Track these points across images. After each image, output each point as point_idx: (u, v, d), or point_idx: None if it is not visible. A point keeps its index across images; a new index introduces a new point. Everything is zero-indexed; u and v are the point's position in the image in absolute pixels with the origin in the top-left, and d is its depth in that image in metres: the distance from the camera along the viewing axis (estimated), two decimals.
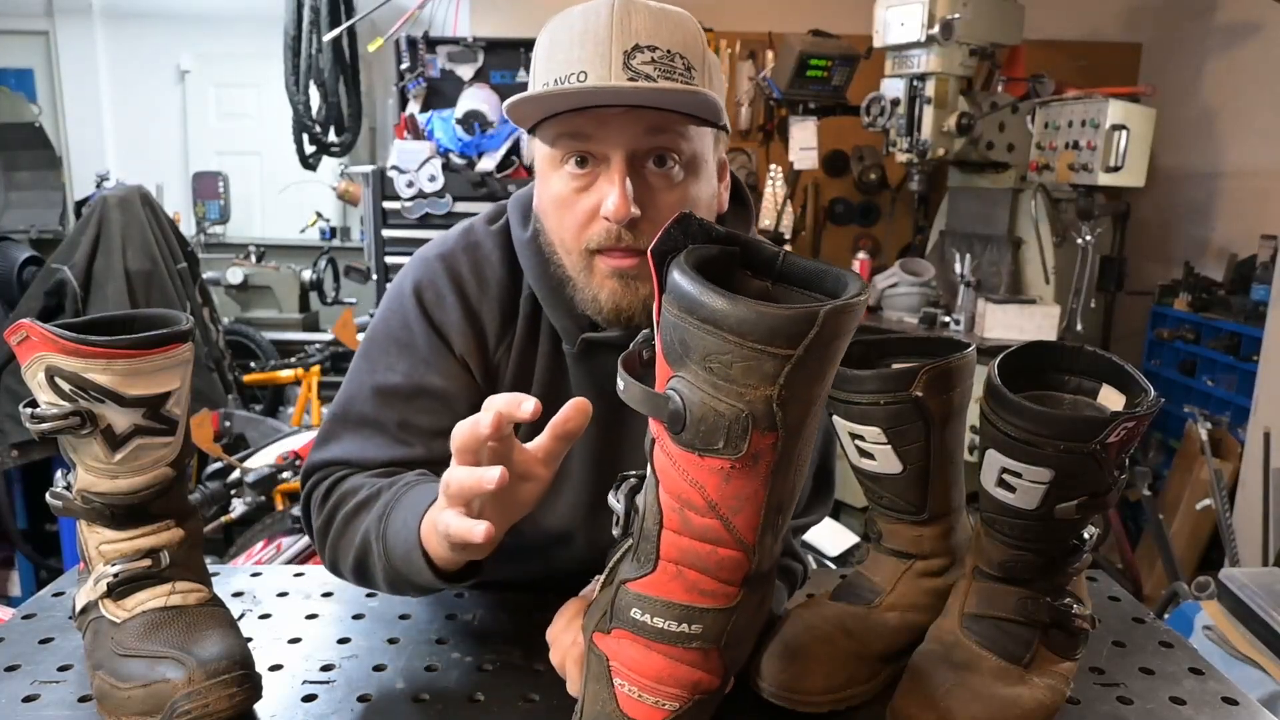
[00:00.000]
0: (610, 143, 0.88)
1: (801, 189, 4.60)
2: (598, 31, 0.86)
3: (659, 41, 0.86)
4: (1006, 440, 0.75)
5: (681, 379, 0.59)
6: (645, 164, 0.90)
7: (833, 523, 2.50)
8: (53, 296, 3.01)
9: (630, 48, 0.85)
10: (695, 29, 0.91)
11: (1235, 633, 1.75)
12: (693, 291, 0.56)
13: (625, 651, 0.66)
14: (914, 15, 3.09)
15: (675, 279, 0.58)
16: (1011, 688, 0.78)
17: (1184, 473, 3.62)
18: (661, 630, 0.65)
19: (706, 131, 0.93)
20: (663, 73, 0.86)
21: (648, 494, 0.65)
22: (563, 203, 0.92)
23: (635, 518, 0.66)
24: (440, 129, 3.81)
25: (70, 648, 0.91)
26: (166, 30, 5.45)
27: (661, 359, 0.61)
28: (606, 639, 0.68)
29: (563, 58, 0.87)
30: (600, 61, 0.85)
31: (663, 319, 0.60)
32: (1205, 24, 4.18)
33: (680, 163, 0.91)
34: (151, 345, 0.80)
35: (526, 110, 0.89)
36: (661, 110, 0.87)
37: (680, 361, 0.58)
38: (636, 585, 0.66)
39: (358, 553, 0.91)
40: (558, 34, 0.90)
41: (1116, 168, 2.99)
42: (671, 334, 0.59)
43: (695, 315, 0.56)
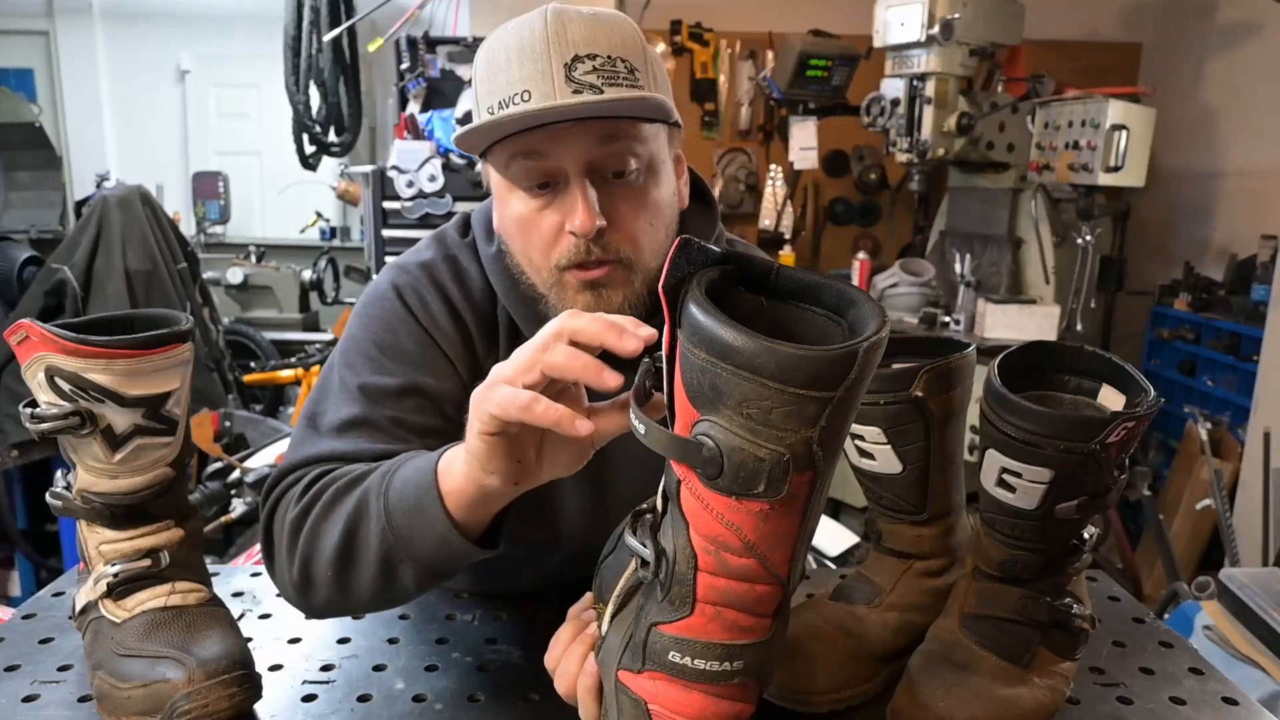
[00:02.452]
0: (565, 158, 0.86)
1: (801, 189, 4.60)
2: (534, 47, 0.84)
3: (598, 49, 0.84)
4: (1006, 440, 0.75)
5: (713, 423, 0.56)
6: (604, 174, 0.88)
7: (833, 523, 2.50)
8: (53, 296, 3.01)
9: (570, 59, 0.83)
10: (631, 29, 0.89)
11: (1235, 633, 1.75)
12: (725, 337, 0.53)
13: (664, 693, 0.64)
14: (914, 15, 3.09)
15: (700, 321, 0.55)
16: (1011, 688, 0.78)
17: (1184, 473, 3.62)
18: (703, 671, 0.63)
19: (660, 129, 0.92)
20: (606, 80, 0.84)
21: (676, 537, 0.62)
22: (525, 223, 0.90)
23: (665, 561, 0.63)
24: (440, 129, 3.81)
25: (70, 648, 0.91)
26: (166, 30, 5.45)
27: (684, 399, 0.58)
28: (639, 679, 0.65)
29: (504, 79, 0.85)
30: (542, 78, 0.83)
31: (685, 360, 0.57)
32: (1205, 24, 4.18)
33: (639, 168, 0.89)
34: (151, 345, 0.80)
35: (476, 140, 0.88)
36: (614, 118, 0.86)
37: (711, 406, 0.56)
38: (672, 629, 0.63)
39: (348, 523, 0.79)
40: (495, 54, 0.87)
41: (1116, 168, 2.99)
42: (699, 377, 0.56)
43: (730, 361, 0.53)
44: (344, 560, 0.80)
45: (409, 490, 0.76)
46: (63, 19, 5.40)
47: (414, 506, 0.75)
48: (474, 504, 0.73)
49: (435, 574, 0.78)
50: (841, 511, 3.34)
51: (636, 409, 0.61)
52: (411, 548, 0.76)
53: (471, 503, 0.73)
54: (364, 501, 0.79)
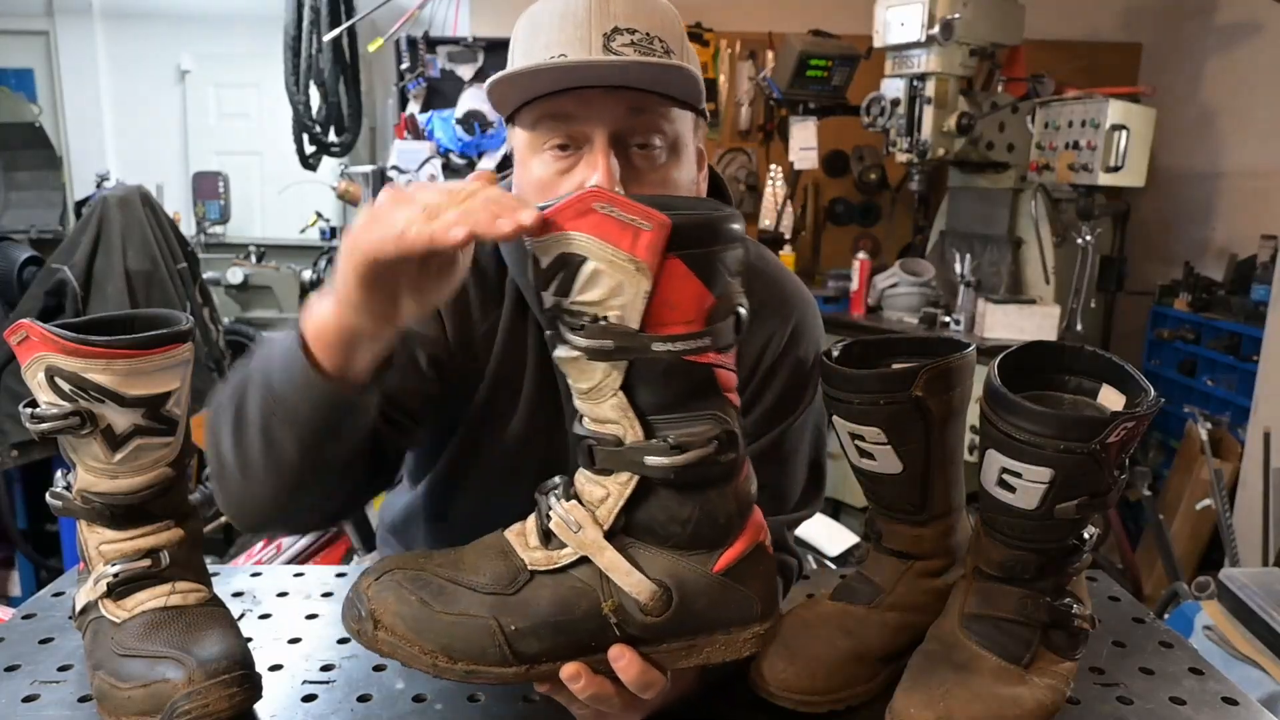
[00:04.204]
0: (593, 122, 0.87)
1: (801, 189, 4.60)
2: (576, 14, 0.86)
3: (638, 24, 0.86)
4: (1006, 440, 0.75)
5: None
6: (628, 145, 0.89)
7: (833, 523, 2.50)
8: (53, 296, 3.00)
9: (610, 30, 0.85)
10: (674, 14, 0.91)
11: (1235, 633, 1.75)
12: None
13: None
14: (914, 15, 3.09)
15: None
16: (1011, 688, 0.78)
17: (1184, 473, 3.62)
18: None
19: (687, 115, 0.93)
20: (642, 54, 0.86)
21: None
22: (544, 186, 0.91)
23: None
24: (440, 129, 3.81)
25: (70, 648, 0.91)
26: (166, 30, 5.45)
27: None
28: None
29: (543, 40, 0.87)
30: (580, 43, 0.85)
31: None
32: (1205, 24, 4.18)
33: (664, 145, 0.91)
34: (151, 345, 0.80)
35: (508, 92, 0.89)
36: (643, 91, 0.87)
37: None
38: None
39: (236, 389, 0.79)
40: (537, 18, 0.90)
41: (1116, 168, 2.99)
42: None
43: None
44: (236, 430, 0.79)
45: (277, 343, 0.76)
46: (63, 19, 5.39)
47: (282, 355, 0.75)
48: (342, 345, 0.72)
49: (313, 431, 0.75)
50: (841, 511, 3.34)
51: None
52: (280, 398, 0.75)
53: (338, 343, 0.72)
54: (247, 369, 0.79)
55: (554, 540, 0.68)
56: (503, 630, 0.66)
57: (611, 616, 0.67)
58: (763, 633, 0.69)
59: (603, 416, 0.65)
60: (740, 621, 0.68)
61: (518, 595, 0.67)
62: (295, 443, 0.76)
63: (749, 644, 0.69)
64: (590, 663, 0.68)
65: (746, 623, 0.68)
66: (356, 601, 0.69)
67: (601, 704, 0.71)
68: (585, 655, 0.68)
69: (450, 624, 0.67)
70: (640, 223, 0.59)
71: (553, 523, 0.68)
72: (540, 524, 0.69)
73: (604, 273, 0.60)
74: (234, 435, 0.79)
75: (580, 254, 0.61)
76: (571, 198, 0.61)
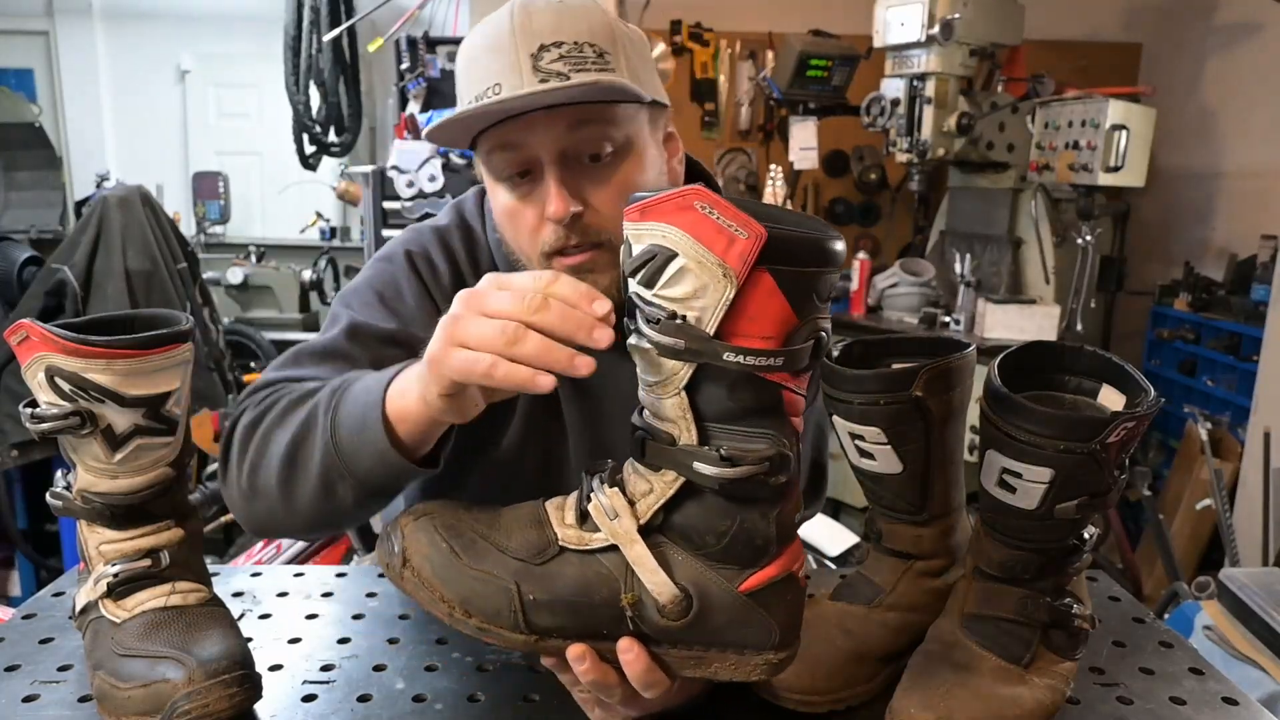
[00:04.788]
0: (538, 146, 0.88)
1: (801, 189, 4.60)
2: (500, 39, 0.86)
3: (563, 36, 0.86)
4: (1006, 440, 0.75)
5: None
6: (579, 160, 0.90)
7: (833, 523, 2.50)
8: (53, 296, 3.01)
9: (536, 49, 0.85)
10: (599, 14, 0.90)
11: (1235, 633, 1.75)
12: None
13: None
14: (914, 15, 3.09)
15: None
16: (1011, 688, 0.78)
17: (1184, 473, 3.62)
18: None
19: (639, 110, 0.93)
20: (574, 66, 0.86)
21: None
22: (511, 213, 0.93)
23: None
24: None
25: (70, 648, 0.91)
26: (166, 30, 5.45)
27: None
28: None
29: (478, 73, 0.88)
30: (510, 70, 0.85)
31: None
32: (1205, 24, 4.18)
33: (614, 150, 0.91)
34: (151, 345, 0.80)
35: (452, 133, 0.90)
36: (579, 103, 0.87)
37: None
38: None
39: (296, 434, 0.81)
40: (470, 50, 0.90)
41: (1116, 168, 2.99)
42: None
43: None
44: (288, 470, 0.81)
45: (356, 407, 0.77)
46: (63, 19, 5.40)
47: (358, 424, 0.76)
48: (419, 430, 0.74)
49: (375, 492, 0.79)
50: (841, 511, 3.34)
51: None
52: (351, 465, 0.77)
53: (416, 429, 0.74)
54: (313, 415, 0.80)
55: (589, 522, 0.68)
56: (521, 597, 0.67)
57: (628, 609, 0.66)
58: (776, 661, 0.68)
59: (662, 413, 0.64)
60: (755, 646, 0.68)
61: (543, 567, 0.67)
62: (353, 498, 0.79)
63: (759, 669, 0.68)
64: (599, 649, 0.68)
65: (761, 648, 0.68)
66: (392, 535, 0.70)
67: (602, 692, 0.71)
68: (596, 641, 0.68)
69: (473, 578, 0.67)
70: (737, 229, 0.59)
71: (591, 505, 0.68)
72: (579, 503, 0.69)
73: (691, 271, 0.60)
74: (285, 472, 0.81)
75: (671, 249, 0.60)
76: (675, 191, 0.60)
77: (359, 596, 1.05)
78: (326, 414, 0.79)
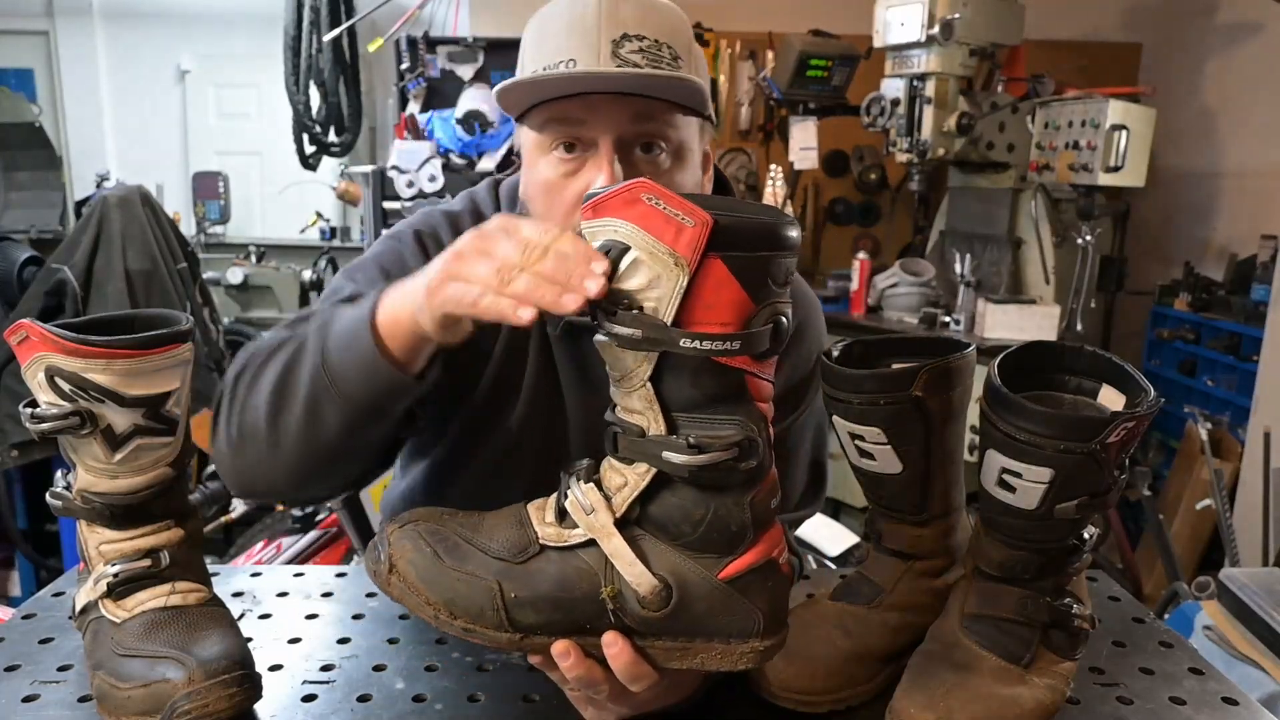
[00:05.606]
0: (598, 128, 0.89)
1: (801, 189, 4.59)
2: (585, 20, 0.87)
3: (646, 31, 0.87)
4: (1006, 440, 0.75)
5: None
6: (632, 150, 0.91)
7: (833, 523, 2.50)
8: (53, 296, 3.00)
9: (618, 36, 0.87)
10: (682, 20, 0.92)
11: (1235, 633, 1.75)
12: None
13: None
14: (914, 15, 3.09)
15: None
16: (1011, 688, 0.78)
17: (1184, 473, 3.62)
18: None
19: (692, 121, 0.94)
20: (650, 61, 0.87)
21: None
22: (550, 188, 0.93)
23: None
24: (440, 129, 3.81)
25: (70, 648, 0.91)
26: (166, 30, 5.45)
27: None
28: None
29: (552, 45, 0.88)
30: (588, 50, 0.86)
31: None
32: (1205, 24, 4.18)
33: (667, 150, 0.92)
34: (151, 345, 0.80)
35: (516, 96, 0.90)
36: (649, 98, 0.88)
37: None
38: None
39: (287, 362, 0.81)
40: (546, 22, 0.91)
41: (1116, 168, 2.99)
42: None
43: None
44: (277, 400, 0.81)
45: (346, 324, 0.78)
46: (63, 19, 5.39)
47: (348, 338, 0.77)
48: (408, 344, 0.75)
49: (361, 413, 0.78)
50: (841, 511, 3.34)
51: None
52: (339, 380, 0.77)
53: (406, 344, 0.75)
54: (303, 343, 0.81)
55: (567, 519, 0.69)
56: (503, 596, 0.67)
57: (609, 603, 0.67)
58: (762, 649, 0.68)
59: (630, 406, 0.65)
60: (739, 634, 0.68)
61: (524, 565, 0.68)
62: (340, 422, 0.79)
63: (746, 658, 0.68)
64: (584, 645, 0.69)
65: (746, 636, 0.68)
66: (379, 543, 0.72)
67: (589, 688, 0.71)
68: (580, 636, 0.68)
69: (456, 580, 0.68)
70: (684, 218, 0.60)
71: (568, 502, 0.69)
72: (558, 501, 0.70)
73: (644, 263, 0.61)
74: (273, 403, 0.81)
75: (624, 242, 0.61)
76: (621, 186, 0.61)
77: (359, 596, 1.05)
78: (318, 336, 0.80)
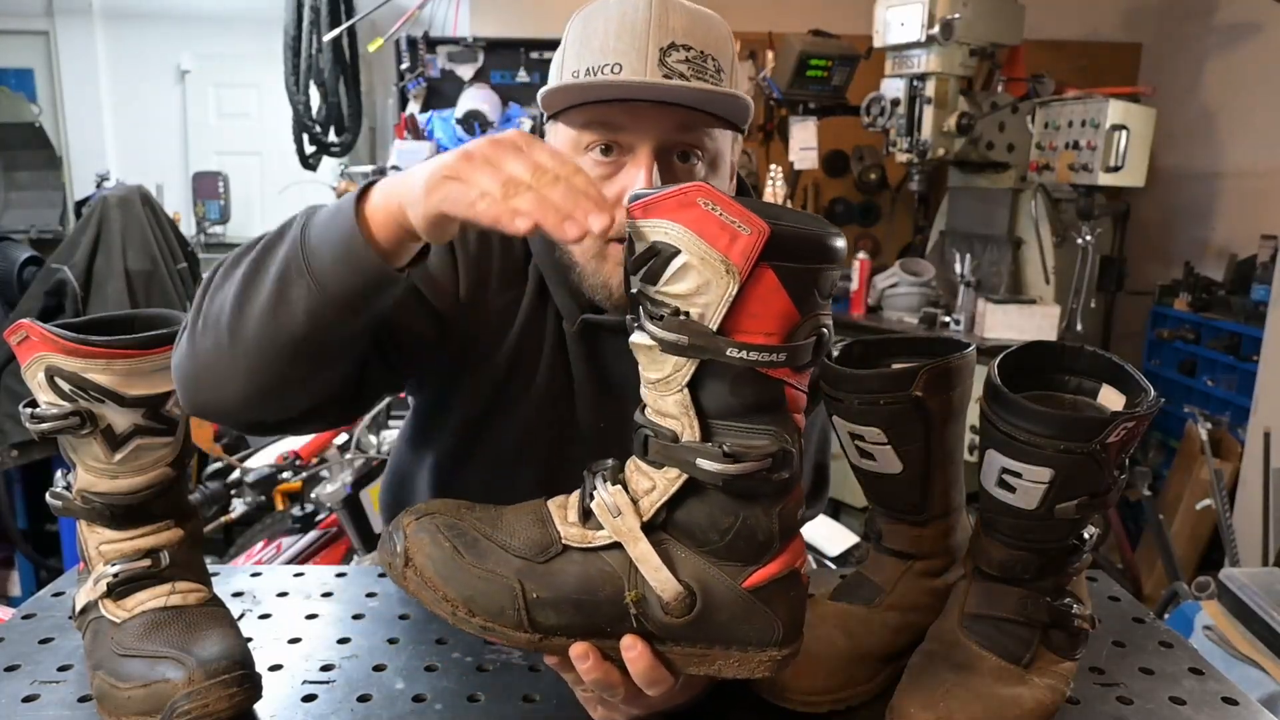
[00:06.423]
0: (640, 134, 0.89)
1: (801, 189, 4.60)
2: (635, 25, 0.87)
3: (694, 41, 0.88)
4: (1006, 440, 0.75)
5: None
6: (670, 157, 0.91)
7: (833, 523, 2.50)
8: (53, 296, 3.01)
9: (666, 45, 0.87)
10: (727, 32, 0.93)
11: (1235, 633, 1.75)
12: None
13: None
14: (914, 15, 3.09)
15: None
16: (1011, 688, 0.78)
17: (1184, 473, 3.62)
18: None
19: (728, 133, 0.95)
20: (695, 72, 0.87)
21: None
22: None
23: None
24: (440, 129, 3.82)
25: (70, 648, 0.91)
26: (166, 30, 5.44)
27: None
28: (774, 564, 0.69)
29: (598, 46, 0.88)
30: (636, 56, 0.86)
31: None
32: (1205, 24, 4.18)
33: (704, 160, 0.93)
34: (151, 345, 0.80)
35: (562, 99, 0.91)
36: (691, 109, 0.89)
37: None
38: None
39: (265, 244, 0.77)
40: (594, 22, 0.90)
41: (1116, 168, 2.99)
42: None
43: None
44: (245, 284, 0.76)
45: (331, 207, 0.75)
46: (63, 19, 5.39)
47: (331, 215, 0.74)
48: (396, 233, 0.72)
49: (329, 300, 0.73)
50: (841, 511, 3.34)
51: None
52: (313, 257, 0.73)
53: (391, 234, 0.72)
54: (285, 227, 0.78)
55: (592, 520, 0.68)
56: (524, 595, 0.66)
57: (632, 607, 0.67)
58: (780, 658, 0.68)
59: (664, 410, 0.65)
60: (758, 642, 0.68)
61: (546, 565, 0.67)
62: (306, 308, 0.73)
63: (763, 666, 0.68)
64: (602, 647, 0.68)
65: (764, 645, 0.68)
66: (394, 535, 0.70)
67: (605, 691, 0.70)
68: (599, 639, 0.68)
69: (476, 578, 0.67)
70: (740, 225, 0.59)
71: (594, 503, 0.68)
72: (582, 501, 0.69)
73: (694, 268, 0.60)
74: (241, 288, 0.75)
75: (674, 245, 0.60)
76: (676, 189, 0.60)
77: (359, 596, 1.05)
78: (301, 219, 0.76)
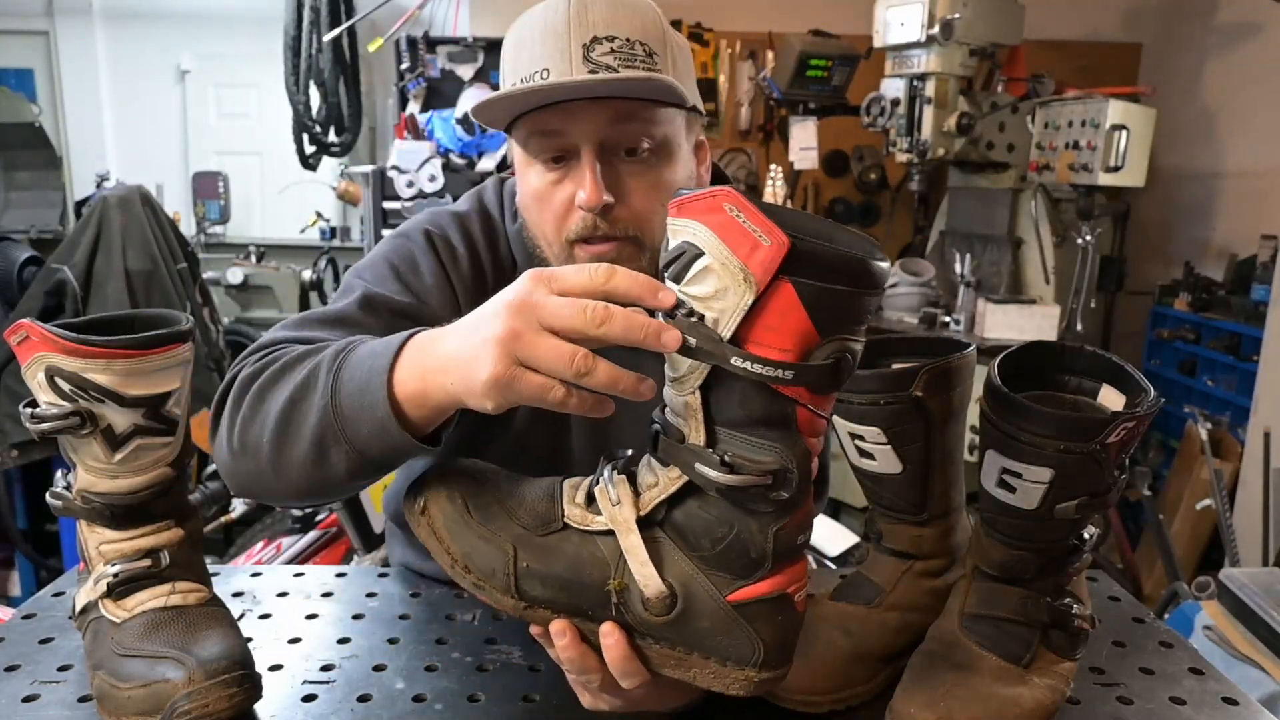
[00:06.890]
0: (578, 135, 0.90)
1: (801, 189, 4.60)
2: (556, 27, 0.88)
3: (617, 31, 0.88)
4: (1006, 440, 0.75)
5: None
6: (616, 153, 0.91)
7: (833, 523, 2.50)
8: (53, 296, 3.01)
9: (589, 40, 0.87)
10: (654, 14, 0.92)
11: (1235, 633, 1.75)
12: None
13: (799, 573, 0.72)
14: (914, 15, 3.09)
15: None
16: (1011, 688, 0.78)
17: (1184, 473, 3.62)
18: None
19: (677, 114, 0.95)
20: (623, 62, 0.87)
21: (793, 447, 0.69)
22: (540, 197, 0.94)
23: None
24: (440, 129, 3.82)
25: (70, 648, 0.91)
26: (166, 30, 5.45)
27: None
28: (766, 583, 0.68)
29: (526, 56, 0.89)
30: (560, 57, 0.87)
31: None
32: (1205, 24, 4.18)
33: (651, 148, 0.92)
34: (151, 345, 0.80)
35: (494, 112, 0.91)
36: (626, 98, 0.89)
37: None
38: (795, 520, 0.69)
39: (294, 393, 0.76)
40: (520, 33, 0.92)
41: (1116, 168, 2.99)
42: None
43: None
44: (282, 429, 0.76)
45: (360, 371, 0.72)
46: (63, 19, 5.39)
47: (361, 388, 0.71)
48: (429, 413, 0.70)
49: (369, 463, 0.74)
50: (841, 511, 3.33)
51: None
52: (349, 429, 0.72)
53: (426, 411, 0.70)
54: (314, 373, 0.76)
55: (594, 504, 0.69)
56: (516, 562, 0.68)
57: (614, 595, 0.67)
58: (758, 680, 0.67)
59: (677, 409, 0.65)
60: (737, 659, 0.67)
61: (543, 539, 0.69)
62: (346, 465, 0.74)
63: (739, 684, 0.67)
64: (582, 629, 0.69)
65: (743, 663, 0.67)
66: (422, 482, 0.73)
67: (580, 673, 0.71)
68: (581, 619, 0.69)
69: (477, 537, 0.69)
70: (761, 235, 0.58)
71: (598, 488, 0.69)
72: (590, 485, 0.71)
73: (714, 271, 0.60)
74: (278, 430, 0.76)
75: (699, 247, 0.60)
76: (706, 191, 0.61)
77: (359, 596, 1.05)
78: (329, 373, 0.74)
